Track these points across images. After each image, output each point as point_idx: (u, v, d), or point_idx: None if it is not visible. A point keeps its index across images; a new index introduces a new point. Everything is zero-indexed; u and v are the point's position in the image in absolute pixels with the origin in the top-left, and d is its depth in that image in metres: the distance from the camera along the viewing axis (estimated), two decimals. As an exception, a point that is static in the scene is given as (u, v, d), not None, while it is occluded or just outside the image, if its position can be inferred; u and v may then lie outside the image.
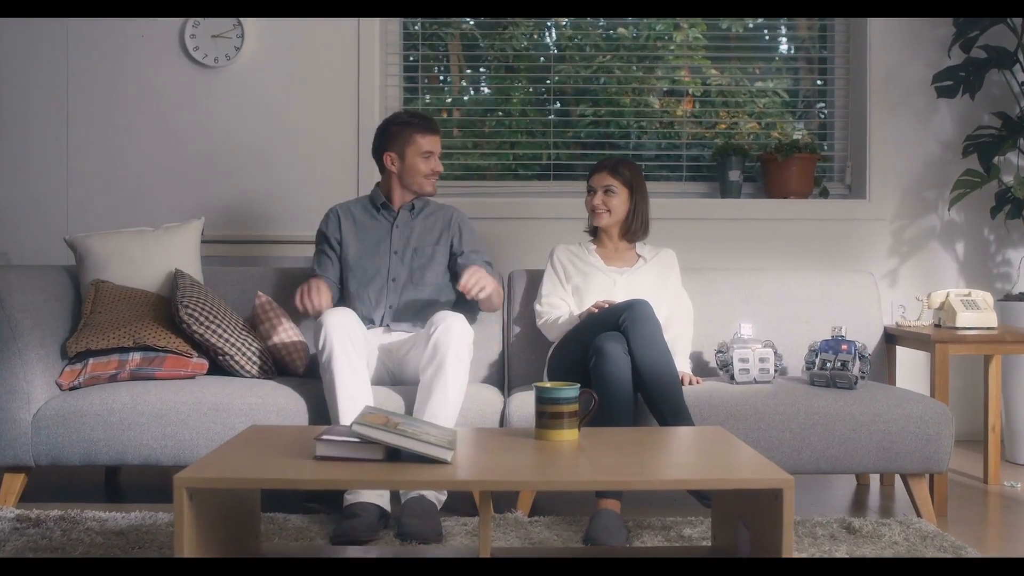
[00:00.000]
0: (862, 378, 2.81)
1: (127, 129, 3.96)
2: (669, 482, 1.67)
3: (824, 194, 4.06)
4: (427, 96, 4.21)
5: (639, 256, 3.14)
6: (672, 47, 4.20)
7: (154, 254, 3.15)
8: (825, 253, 3.95)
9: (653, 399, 2.56)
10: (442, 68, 4.30)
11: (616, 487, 1.67)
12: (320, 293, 2.82)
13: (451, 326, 2.61)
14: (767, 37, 4.22)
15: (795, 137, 4.15)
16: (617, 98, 4.19)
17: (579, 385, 2.02)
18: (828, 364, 2.82)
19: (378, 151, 3.09)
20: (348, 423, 2.44)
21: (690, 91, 4.20)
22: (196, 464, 1.75)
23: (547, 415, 2.00)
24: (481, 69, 4.30)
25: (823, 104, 4.25)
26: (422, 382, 2.61)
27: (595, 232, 3.19)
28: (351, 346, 2.59)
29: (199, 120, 3.96)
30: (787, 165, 3.97)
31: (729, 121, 4.19)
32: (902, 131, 3.98)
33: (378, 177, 3.30)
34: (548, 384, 2.02)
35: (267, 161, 3.97)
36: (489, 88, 4.30)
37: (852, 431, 2.66)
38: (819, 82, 4.24)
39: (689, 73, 4.22)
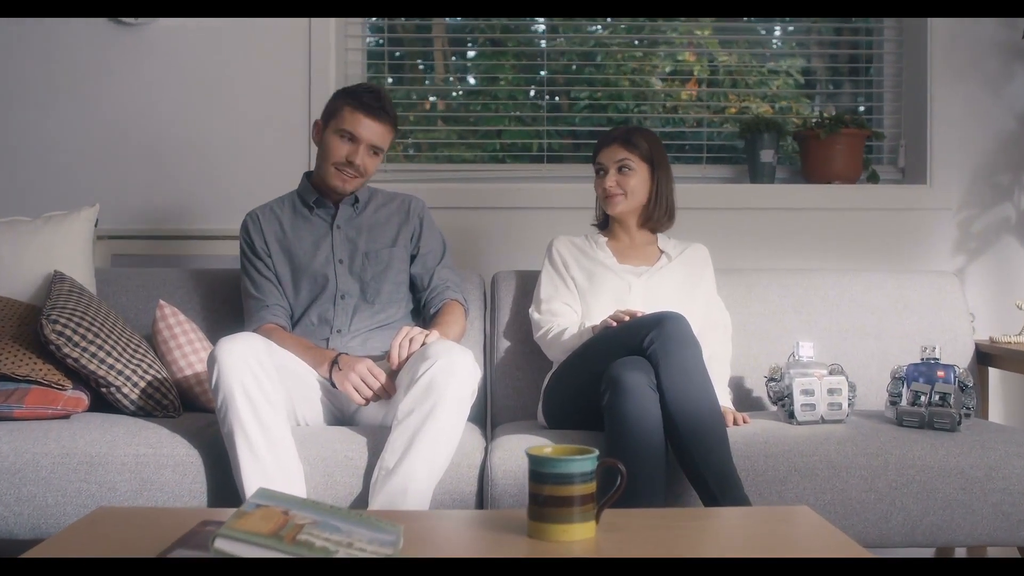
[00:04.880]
0: (967, 416, 2.09)
1: (23, 96, 3.22)
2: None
3: (873, 178, 3.36)
4: (413, 92, 3.49)
5: (662, 252, 2.43)
6: (676, 28, 3.52)
7: (30, 251, 2.44)
8: (880, 249, 3.22)
9: (691, 457, 1.85)
10: (417, 43, 3.58)
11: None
12: (374, 373, 2.08)
13: (455, 363, 1.91)
14: (763, 31, 3.53)
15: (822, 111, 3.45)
16: (617, 71, 3.49)
17: (596, 452, 1.30)
18: (922, 397, 2.10)
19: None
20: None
21: (695, 73, 3.51)
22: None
23: (546, 499, 1.28)
24: (469, 48, 3.58)
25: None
26: (402, 427, 1.90)
27: (605, 223, 2.48)
28: (255, 386, 1.86)
29: (113, 87, 3.21)
30: (830, 143, 3.26)
31: (739, 104, 3.51)
32: (970, 102, 3.27)
33: None
34: (548, 451, 1.30)
35: (194, 138, 3.21)
36: (473, 66, 3.59)
37: (960, 491, 1.95)
38: (865, 45, 3.54)
39: (694, 53, 3.53)
